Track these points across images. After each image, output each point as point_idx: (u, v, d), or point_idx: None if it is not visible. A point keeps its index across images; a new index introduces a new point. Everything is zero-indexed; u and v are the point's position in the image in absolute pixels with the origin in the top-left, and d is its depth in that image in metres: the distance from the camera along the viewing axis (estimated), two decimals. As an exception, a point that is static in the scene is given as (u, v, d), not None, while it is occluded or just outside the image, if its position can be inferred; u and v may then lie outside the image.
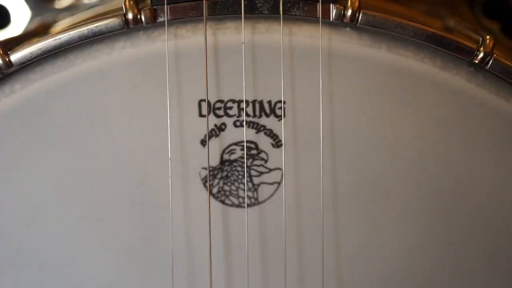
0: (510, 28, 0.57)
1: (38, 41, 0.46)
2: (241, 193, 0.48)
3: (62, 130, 0.47)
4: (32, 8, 0.57)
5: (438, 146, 0.48)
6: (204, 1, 0.46)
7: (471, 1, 0.56)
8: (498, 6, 0.56)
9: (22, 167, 0.48)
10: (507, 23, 0.57)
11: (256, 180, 0.48)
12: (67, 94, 0.47)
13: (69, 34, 0.46)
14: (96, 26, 0.46)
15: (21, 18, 0.57)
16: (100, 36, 0.46)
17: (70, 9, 0.57)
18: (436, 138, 0.48)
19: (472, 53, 0.46)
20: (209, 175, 0.48)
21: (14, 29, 0.57)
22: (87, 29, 0.46)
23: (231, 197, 0.49)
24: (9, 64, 0.46)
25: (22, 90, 0.47)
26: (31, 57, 0.46)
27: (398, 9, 0.56)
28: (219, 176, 0.48)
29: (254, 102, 0.47)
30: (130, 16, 0.46)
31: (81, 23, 0.46)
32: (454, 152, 0.48)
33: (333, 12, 0.46)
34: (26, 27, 0.57)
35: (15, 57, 0.46)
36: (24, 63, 0.46)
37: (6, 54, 0.46)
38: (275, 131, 0.48)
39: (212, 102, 0.47)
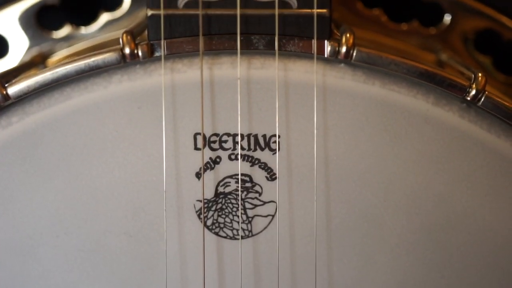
0: (502, 62, 0.57)
1: (35, 75, 0.47)
2: (235, 225, 0.49)
3: (58, 162, 0.48)
4: (30, 38, 0.57)
5: (431, 181, 0.48)
6: (200, 37, 0.47)
7: (464, 36, 0.57)
8: (490, 41, 0.57)
9: (18, 198, 0.48)
10: (498, 57, 0.57)
11: (250, 213, 0.49)
12: (63, 126, 0.47)
13: (66, 68, 0.47)
14: (93, 61, 0.46)
15: (19, 48, 0.57)
16: (97, 70, 0.46)
17: (67, 39, 0.58)
18: (429, 173, 0.48)
19: (465, 90, 0.47)
20: (204, 207, 0.48)
21: (12, 58, 0.57)
22: (84, 63, 0.46)
23: (225, 229, 0.49)
24: (6, 97, 0.47)
25: (19, 123, 0.47)
26: (28, 90, 0.47)
27: (392, 43, 0.57)
28: (213, 208, 0.49)
29: (249, 136, 0.48)
30: (127, 51, 0.46)
31: (79, 57, 0.47)
32: (447, 187, 0.48)
33: (327, 49, 0.47)
34: (24, 56, 0.57)
35: (12, 90, 0.47)
36: (21, 96, 0.47)
37: (3, 87, 0.47)
38: (269, 165, 0.48)
39: (207, 136, 0.48)
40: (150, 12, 0.47)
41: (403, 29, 0.57)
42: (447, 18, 0.56)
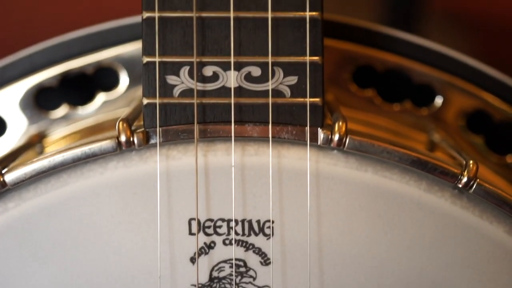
0: (494, 141, 0.58)
1: (32, 162, 0.47)
2: (229, 309, 0.49)
3: (54, 248, 0.48)
4: (28, 118, 0.58)
5: (424, 266, 0.48)
6: (195, 125, 0.47)
7: (456, 117, 0.58)
8: (482, 120, 0.58)
9: (14, 284, 0.48)
10: (491, 136, 0.58)
11: (244, 297, 0.49)
12: (59, 212, 0.48)
13: (63, 156, 0.47)
14: (90, 148, 0.47)
15: (17, 127, 0.58)
16: (93, 157, 0.47)
17: (65, 118, 0.58)
18: (422, 259, 0.48)
19: (456, 177, 0.48)
20: (198, 292, 0.49)
21: (10, 137, 0.58)
22: (81, 151, 0.47)
23: (219, 313, 0.49)
24: (3, 184, 0.47)
25: (15, 208, 0.48)
26: (25, 177, 0.47)
27: (385, 123, 0.57)
28: (208, 292, 0.49)
29: (243, 221, 0.48)
30: (123, 138, 0.47)
31: (75, 145, 0.47)
32: (440, 272, 0.48)
33: (321, 137, 0.47)
34: (22, 136, 0.58)
35: (9, 177, 0.47)
36: (18, 183, 0.47)
37: (0, 174, 0.47)
38: (263, 250, 0.48)
39: (202, 221, 0.48)
40: (146, 101, 0.47)
41: (396, 110, 0.58)
42: (439, 100, 0.57)
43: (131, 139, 0.47)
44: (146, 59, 0.47)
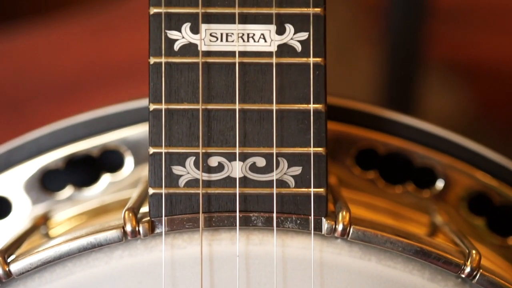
0: (496, 223, 0.59)
1: (38, 252, 0.48)
2: None
3: (57, 336, 0.48)
4: (34, 199, 0.58)
5: None
6: (201, 214, 0.48)
7: (457, 200, 0.58)
8: (484, 204, 0.58)
9: None
10: (492, 218, 0.58)
11: None
12: (64, 302, 0.48)
13: (68, 245, 0.48)
14: (95, 238, 0.48)
15: (22, 208, 0.58)
16: (98, 247, 0.47)
17: (70, 199, 0.59)
18: None
19: (460, 267, 0.48)
20: None
21: (15, 219, 0.58)
22: (87, 241, 0.48)
23: None
24: (8, 273, 0.48)
25: (20, 298, 0.48)
26: (30, 267, 0.47)
27: (388, 205, 0.58)
28: None
29: (247, 309, 0.49)
30: (128, 228, 0.48)
31: (81, 235, 0.48)
32: None
33: (324, 226, 0.48)
34: (26, 219, 0.58)
35: (14, 267, 0.48)
36: (23, 273, 0.48)
37: (6, 263, 0.48)
38: (268, 333, 0.49)
39: (206, 310, 0.48)
40: (151, 191, 0.48)
41: (398, 192, 0.58)
42: (440, 184, 0.58)
43: (137, 229, 0.48)
44: (152, 150, 0.48)
